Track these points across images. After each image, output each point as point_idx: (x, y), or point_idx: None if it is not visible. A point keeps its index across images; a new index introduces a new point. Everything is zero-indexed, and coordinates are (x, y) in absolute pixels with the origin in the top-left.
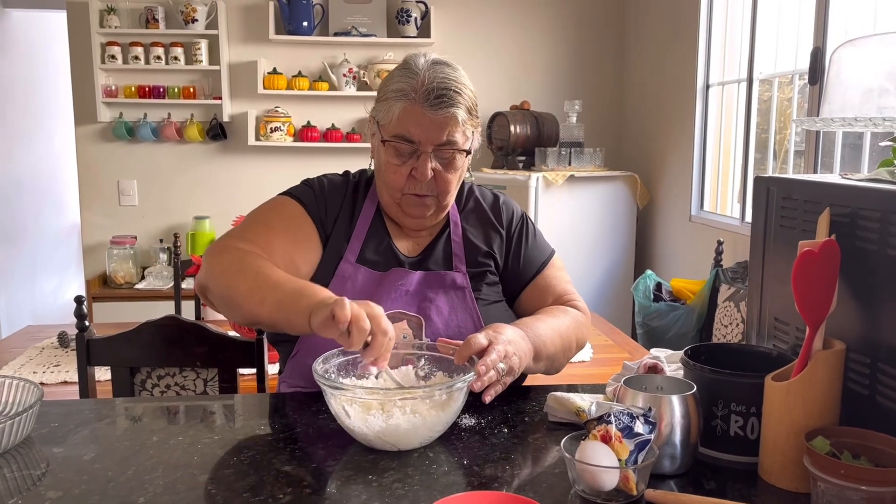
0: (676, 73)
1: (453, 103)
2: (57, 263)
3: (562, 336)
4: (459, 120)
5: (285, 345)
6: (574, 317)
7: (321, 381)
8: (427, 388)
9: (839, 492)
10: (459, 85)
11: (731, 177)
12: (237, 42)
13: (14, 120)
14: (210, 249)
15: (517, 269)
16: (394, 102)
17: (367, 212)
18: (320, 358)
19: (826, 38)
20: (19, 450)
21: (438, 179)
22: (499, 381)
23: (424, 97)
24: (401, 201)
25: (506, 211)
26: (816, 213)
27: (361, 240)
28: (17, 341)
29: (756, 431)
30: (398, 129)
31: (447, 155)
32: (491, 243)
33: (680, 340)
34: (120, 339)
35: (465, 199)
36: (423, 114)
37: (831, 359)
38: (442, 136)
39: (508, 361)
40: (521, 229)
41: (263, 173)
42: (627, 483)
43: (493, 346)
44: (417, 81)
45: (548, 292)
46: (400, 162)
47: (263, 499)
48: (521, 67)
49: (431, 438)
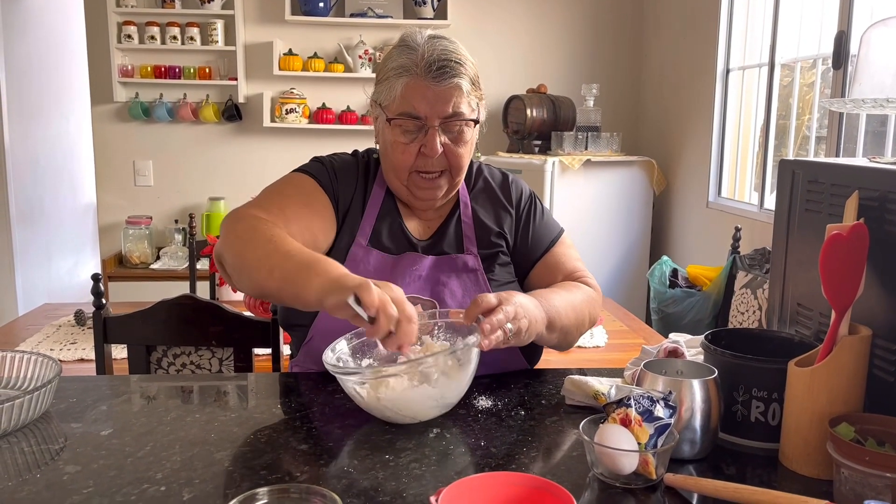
0: (696, 57)
1: (456, 73)
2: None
3: (575, 309)
4: (464, 90)
5: (299, 329)
6: (586, 292)
7: (331, 370)
8: (431, 356)
9: (863, 479)
10: (460, 56)
11: (750, 163)
12: (253, 22)
13: (30, 100)
14: (227, 217)
15: (526, 247)
16: (395, 80)
17: (376, 194)
18: (328, 349)
19: (851, 21)
20: (38, 424)
21: (449, 154)
22: (506, 341)
23: (426, 70)
24: (409, 183)
25: (515, 189)
26: (843, 198)
27: (372, 222)
28: (34, 319)
29: (777, 417)
30: (402, 106)
31: (455, 128)
32: (501, 223)
33: (695, 327)
34: (136, 317)
35: (474, 179)
36: (427, 87)
37: (857, 345)
38: (448, 108)
39: (517, 323)
40: (530, 207)
41: (278, 155)
42: (647, 467)
43: (502, 307)
44: (417, 55)
45: (557, 270)
46: (408, 140)
47: (280, 476)
48: (538, 50)
49: (448, 406)
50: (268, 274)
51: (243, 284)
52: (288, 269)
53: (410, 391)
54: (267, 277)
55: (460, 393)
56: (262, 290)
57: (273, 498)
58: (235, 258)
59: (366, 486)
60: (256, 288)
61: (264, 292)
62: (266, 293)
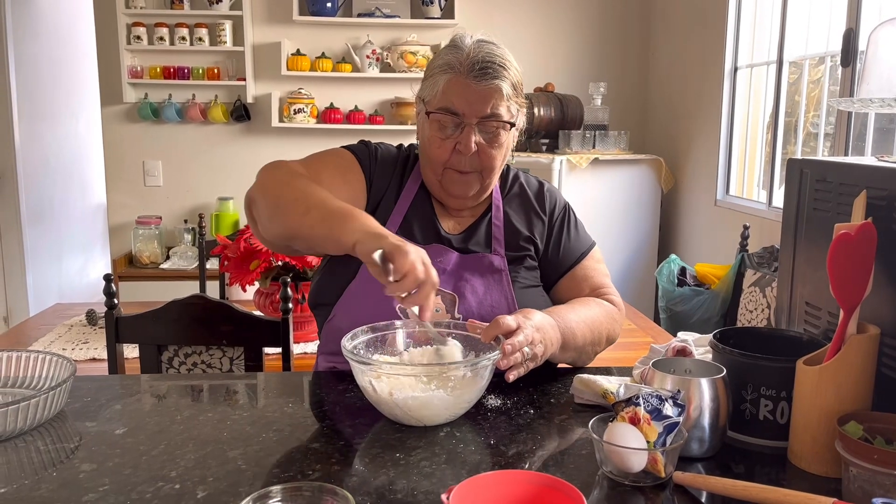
0: (704, 54)
1: (497, 76)
2: (83, 243)
3: (592, 328)
4: (504, 93)
5: (324, 308)
6: (608, 310)
7: (349, 356)
8: (453, 364)
9: (872, 477)
10: (504, 60)
11: (759, 161)
12: (261, 23)
13: (41, 101)
14: (265, 166)
15: (556, 257)
16: (439, 77)
17: (410, 188)
18: (349, 334)
19: (859, 19)
20: (53, 423)
21: (482, 154)
22: (522, 363)
23: (469, 68)
24: (443, 178)
25: (549, 198)
26: (851, 196)
27: (403, 213)
28: (45, 319)
29: (786, 416)
30: (443, 101)
31: (491, 129)
32: (532, 229)
33: (704, 326)
34: (148, 317)
35: (509, 184)
36: (468, 85)
37: (865, 343)
38: (486, 109)
39: (533, 348)
40: (564, 218)
41: (287, 155)
42: (656, 465)
43: (522, 329)
44: (463, 54)
45: (584, 283)
46: (444, 135)
47: (292, 475)
48: (546, 49)
49: (457, 415)
50: (304, 211)
51: (275, 223)
52: (327, 210)
53: (424, 393)
54: (303, 214)
55: (469, 404)
56: (296, 229)
57: (286, 496)
58: (271, 198)
59: (377, 485)
60: (289, 227)
61: (296, 232)
62: (298, 233)
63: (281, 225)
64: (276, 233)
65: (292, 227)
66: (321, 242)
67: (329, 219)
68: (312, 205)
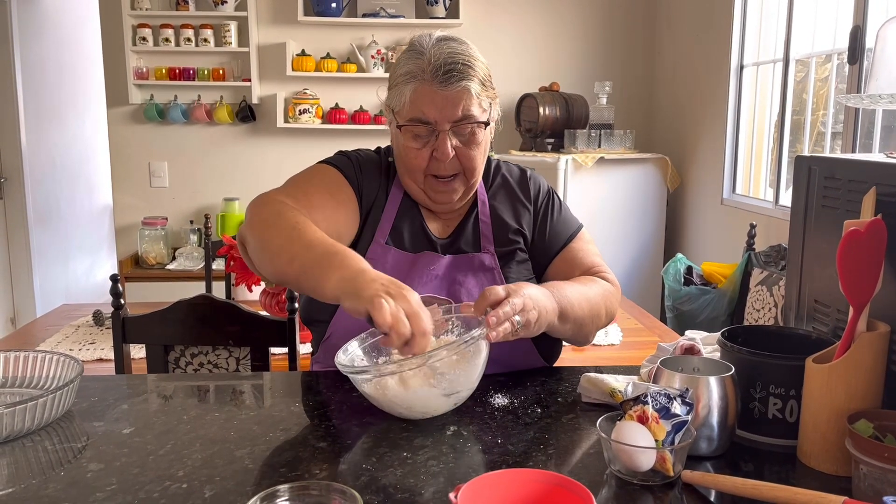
0: (710, 53)
1: (464, 76)
2: (89, 244)
3: (590, 301)
4: (473, 93)
5: (319, 325)
6: (603, 286)
7: (343, 370)
8: (434, 351)
9: (882, 475)
10: (468, 58)
11: (765, 159)
12: (266, 24)
13: (47, 102)
14: (253, 201)
15: (544, 242)
16: (404, 86)
17: (395, 193)
18: (340, 351)
19: (866, 16)
20: (60, 423)
21: (462, 157)
22: (512, 332)
23: (433, 75)
24: (425, 186)
25: (533, 185)
26: (860, 193)
27: (391, 220)
28: (53, 319)
29: (795, 414)
30: (412, 111)
31: (466, 130)
32: (520, 219)
33: (711, 325)
34: (154, 317)
35: (492, 176)
36: (435, 92)
37: (875, 341)
38: (457, 113)
39: (525, 315)
40: (548, 203)
41: (292, 155)
42: (664, 464)
43: (510, 299)
44: (424, 60)
45: (575, 265)
46: (419, 145)
47: (300, 474)
48: (551, 48)
49: (461, 400)
50: (289, 261)
51: (264, 269)
52: (308, 260)
53: (418, 388)
54: (288, 264)
55: (472, 385)
56: (283, 276)
57: (293, 495)
58: (258, 242)
59: (385, 484)
60: (277, 274)
61: (284, 279)
62: (286, 280)
63: (269, 272)
64: (268, 276)
65: (280, 275)
66: (310, 293)
67: (311, 270)
68: (295, 254)
